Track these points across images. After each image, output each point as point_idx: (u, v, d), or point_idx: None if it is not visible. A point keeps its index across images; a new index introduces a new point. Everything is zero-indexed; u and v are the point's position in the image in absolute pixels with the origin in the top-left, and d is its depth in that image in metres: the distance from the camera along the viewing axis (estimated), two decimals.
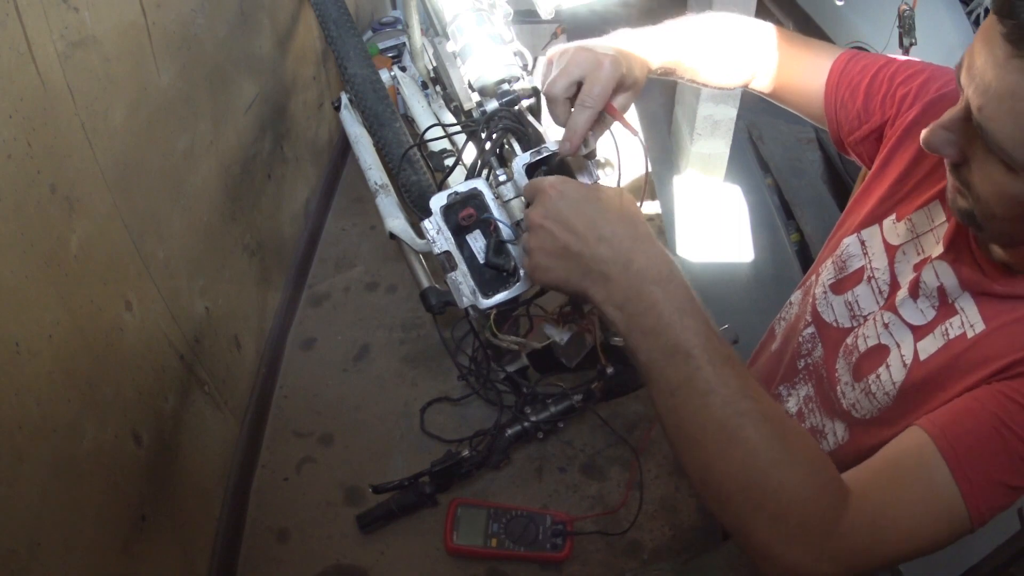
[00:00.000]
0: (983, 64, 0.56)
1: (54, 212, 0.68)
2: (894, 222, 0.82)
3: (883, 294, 0.81)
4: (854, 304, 0.84)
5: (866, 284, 0.83)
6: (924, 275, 0.74)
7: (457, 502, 1.03)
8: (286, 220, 1.42)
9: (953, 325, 0.71)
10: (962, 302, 0.71)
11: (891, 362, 0.76)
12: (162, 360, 0.89)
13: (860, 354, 0.81)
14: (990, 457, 0.60)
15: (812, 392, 0.90)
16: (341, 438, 1.17)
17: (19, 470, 0.62)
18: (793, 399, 0.94)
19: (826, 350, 0.88)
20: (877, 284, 0.82)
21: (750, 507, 0.56)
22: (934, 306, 0.73)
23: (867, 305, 0.82)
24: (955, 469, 0.60)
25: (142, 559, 0.80)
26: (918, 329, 0.74)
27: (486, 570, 1.00)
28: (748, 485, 0.56)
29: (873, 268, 0.83)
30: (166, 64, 0.91)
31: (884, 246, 0.82)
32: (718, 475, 0.57)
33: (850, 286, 0.85)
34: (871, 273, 0.83)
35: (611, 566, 0.99)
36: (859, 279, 0.84)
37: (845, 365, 0.83)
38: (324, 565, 1.01)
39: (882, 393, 0.77)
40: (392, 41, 2.00)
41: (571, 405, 1.04)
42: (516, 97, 1.07)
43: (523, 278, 0.85)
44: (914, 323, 0.75)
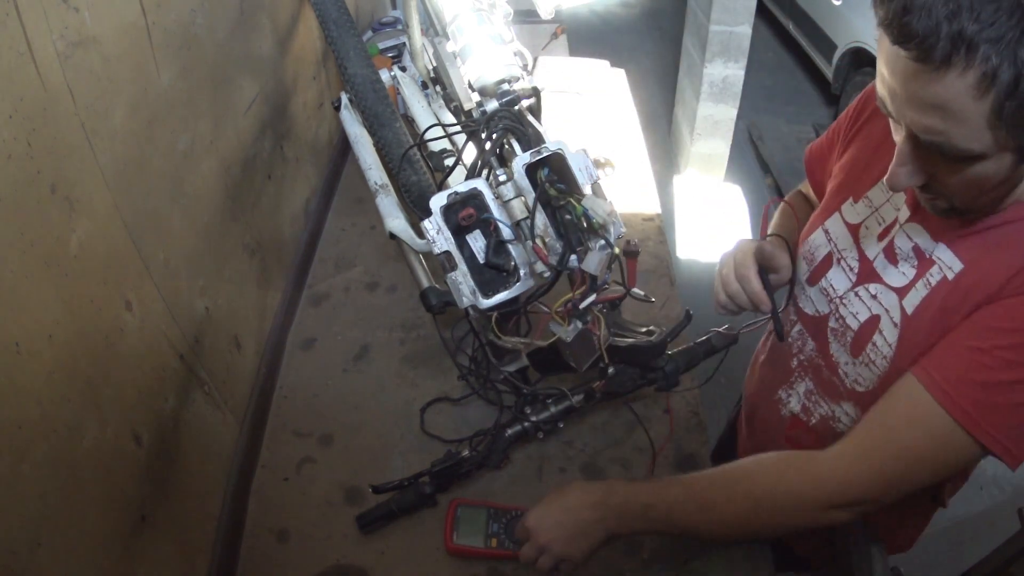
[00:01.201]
0: (903, 89, 0.60)
1: (54, 212, 0.69)
2: (852, 204, 0.87)
3: (853, 271, 0.85)
4: (828, 289, 0.89)
5: (836, 266, 0.88)
6: (897, 241, 0.80)
7: (457, 502, 1.03)
8: (286, 220, 1.42)
9: (933, 273, 0.76)
10: (938, 252, 0.75)
11: (883, 327, 0.80)
12: (162, 360, 0.89)
13: (854, 332, 0.84)
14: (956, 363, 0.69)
15: (812, 385, 0.93)
16: (341, 438, 1.17)
17: (19, 470, 0.62)
18: (794, 398, 0.96)
19: (817, 341, 0.91)
20: (846, 263, 0.87)
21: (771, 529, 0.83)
22: (913, 265, 0.78)
23: (840, 285, 0.87)
24: (927, 384, 0.70)
25: (142, 559, 0.80)
26: (901, 289, 0.79)
27: (486, 570, 1.00)
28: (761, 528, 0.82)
29: (840, 250, 0.88)
30: (166, 64, 0.91)
31: (847, 228, 0.87)
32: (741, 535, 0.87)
33: (822, 273, 0.90)
34: (839, 255, 0.88)
35: (611, 566, 0.99)
36: (829, 264, 0.89)
37: (840, 347, 0.87)
38: (324, 565, 1.01)
39: (880, 358, 0.80)
40: (392, 41, 2.00)
41: (571, 405, 1.04)
42: (516, 97, 1.07)
43: (523, 278, 0.85)
44: (897, 285, 0.79)
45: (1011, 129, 0.57)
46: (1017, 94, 0.54)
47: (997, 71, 0.54)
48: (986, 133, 0.58)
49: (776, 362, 1.00)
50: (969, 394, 0.68)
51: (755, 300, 0.88)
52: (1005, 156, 0.61)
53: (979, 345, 0.69)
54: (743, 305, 0.91)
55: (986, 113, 0.56)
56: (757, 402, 1.07)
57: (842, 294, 0.86)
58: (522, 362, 1.07)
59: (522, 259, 0.84)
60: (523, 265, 0.84)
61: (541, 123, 1.14)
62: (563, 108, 1.93)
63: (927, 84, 0.57)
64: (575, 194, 0.82)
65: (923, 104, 0.59)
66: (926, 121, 0.60)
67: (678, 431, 1.16)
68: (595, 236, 0.80)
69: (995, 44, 0.53)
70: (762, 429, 1.06)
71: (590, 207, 0.79)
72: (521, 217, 0.83)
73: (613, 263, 0.81)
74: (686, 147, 3.52)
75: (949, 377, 0.70)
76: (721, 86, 3.23)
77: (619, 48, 4.35)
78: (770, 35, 4.90)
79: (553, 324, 0.86)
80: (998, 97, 0.55)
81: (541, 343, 0.92)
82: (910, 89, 0.59)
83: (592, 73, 2.08)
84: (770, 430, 1.02)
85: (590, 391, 1.04)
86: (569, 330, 0.85)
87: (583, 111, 1.93)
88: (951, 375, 0.70)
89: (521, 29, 1.44)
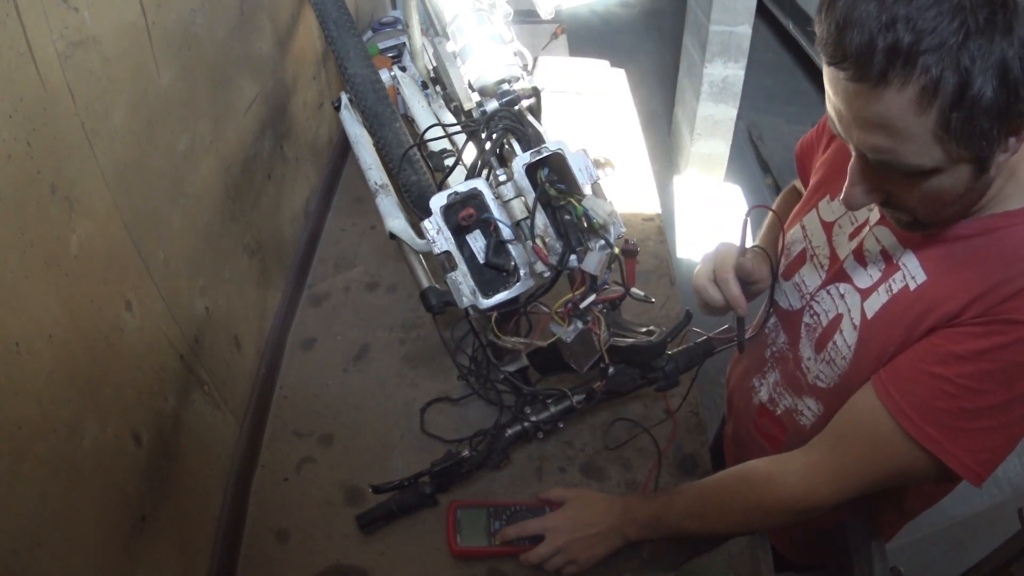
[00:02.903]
0: (846, 110, 0.59)
1: (54, 212, 0.69)
2: (828, 202, 0.88)
3: (824, 267, 0.86)
4: (801, 284, 0.90)
5: (809, 263, 0.89)
6: (866, 243, 0.80)
7: (456, 504, 1.03)
8: (286, 220, 1.42)
9: (896, 280, 0.75)
10: (904, 259, 0.75)
11: (843, 327, 0.81)
12: (162, 360, 0.89)
13: (822, 328, 0.85)
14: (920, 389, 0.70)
15: (779, 377, 0.95)
16: (341, 438, 1.17)
17: (19, 470, 0.62)
18: (764, 388, 0.99)
19: (788, 335, 0.93)
20: (818, 259, 0.88)
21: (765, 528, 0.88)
22: (880, 268, 0.78)
23: (811, 281, 0.88)
24: (892, 409, 0.71)
25: (142, 559, 0.80)
26: (864, 291, 0.79)
27: (486, 570, 1.00)
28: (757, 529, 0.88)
29: (814, 247, 0.89)
30: (166, 64, 0.91)
31: (822, 225, 0.88)
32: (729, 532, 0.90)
33: (796, 269, 0.91)
34: (812, 252, 0.89)
35: (610, 566, 0.99)
36: (803, 261, 0.90)
37: (808, 343, 0.88)
38: (324, 565, 1.01)
39: (840, 358, 0.81)
40: (392, 41, 2.00)
41: (571, 405, 1.04)
42: (516, 97, 1.07)
43: (523, 278, 0.85)
44: (863, 287, 0.80)
45: (961, 140, 0.55)
46: (963, 104, 0.52)
47: (939, 81, 0.52)
48: (934, 147, 0.57)
49: (753, 351, 1.02)
50: (934, 419, 0.68)
51: (733, 303, 0.89)
52: (961, 168, 0.59)
53: (942, 372, 0.68)
54: (717, 306, 0.92)
55: (931, 127, 0.55)
56: (735, 388, 1.10)
57: (813, 291, 0.87)
58: (522, 362, 1.07)
59: (522, 259, 0.84)
60: (523, 265, 0.84)
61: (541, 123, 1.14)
62: (563, 108, 1.93)
63: (867, 103, 0.56)
64: (575, 194, 0.82)
65: (866, 123, 0.58)
66: (872, 140, 0.59)
67: (678, 431, 1.16)
68: (595, 236, 0.80)
69: (935, 52, 0.51)
70: (738, 416, 1.08)
71: (591, 207, 0.79)
72: (521, 217, 0.83)
73: (613, 263, 0.81)
74: (686, 147, 3.52)
75: (914, 403, 0.70)
76: (721, 86, 3.23)
77: (619, 48, 4.35)
78: (770, 35, 4.89)
79: (553, 324, 0.86)
80: (942, 109, 0.53)
81: (541, 343, 0.92)
82: (853, 109, 0.58)
83: (592, 73, 2.08)
84: (744, 417, 1.05)
85: (590, 391, 1.04)
86: (569, 331, 0.85)
87: (583, 111, 1.93)
88: (916, 401, 0.70)
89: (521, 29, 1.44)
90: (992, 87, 0.52)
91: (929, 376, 0.69)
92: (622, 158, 1.74)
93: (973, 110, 0.53)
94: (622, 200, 1.58)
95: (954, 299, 0.68)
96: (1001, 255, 0.66)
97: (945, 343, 0.69)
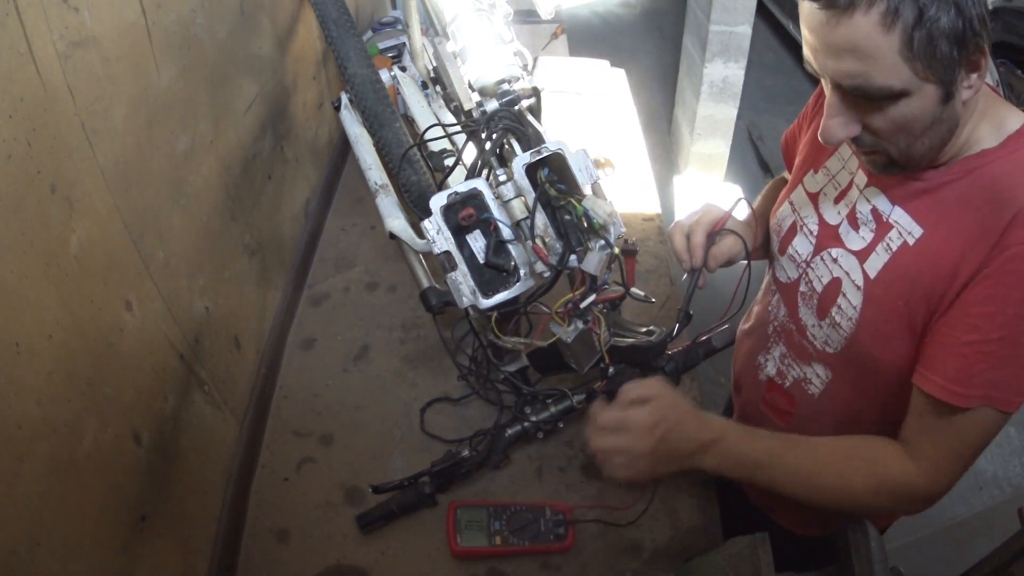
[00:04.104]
0: (819, 41, 0.65)
1: (54, 212, 0.69)
2: (812, 175, 0.92)
3: (813, 234, 0.89)
4: (795, 255, 0.92)
5: (799, 233, 0.92)
6: (859, 206, 0.83)
7: (455, 504, 1.03)
8: (286, 220, 1.42)
9: (892, 239, 0.78)
10: (895, 216, 0.78)
11: (845, 290, 0.83)
12: (162, 360, 0.89)
13: (819, 295, 0.88)
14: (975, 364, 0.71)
15: (785, 349, 0.97)
16: (341, 438, 1.17)
17: (19, 470, 0.62)
18: (771, 362, 1.01)
19: (788, 307, 0.95)
20: (807, 228, 0.91)
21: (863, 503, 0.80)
22: (872, 229, 0.81)
23: (803, 250, 0.91)
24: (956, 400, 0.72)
25: (142, 559, 0.80)
26: (861, 252, 0.82)
27: (487, 569, 1.00)
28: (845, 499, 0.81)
29: (802, 218, 0.92)
30: (166, 64, 0.91)
31: (808, 196, 0.92)
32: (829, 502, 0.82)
33: (788, 241, 0.94)
34: (801, 223, 0.92)
35: (611, 566, 0.99)
36: (794, 233, 0.93)
37: (808, 311, 0.90)
38: (324, 565, 1.01)
39: (846, 320, 0.83)
40: (392, 41, 1.99)
41: (571, 405, 1.04)
42: (516, 97, 1.07)
43: (523, 278, 0.85)
44: (857, 249, 0.82)
45: (924, 59, 0.62)
46: (923, 24, 0.59)
47: (899, 8, 0.59)
48: (902, 67, 0.62)
49: (756, 330, 1.04)
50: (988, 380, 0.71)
51: (692, 250, 0.94)
52: (927, 89, 0.64)
53: (982, 338, 0.70)
54: (678, 252, 0.95)
55: (897, 46, 0.61)
56: (741, 370, 1.11)
57: (807, 259, 0.90)
58: (522, 362, 1.07)
59: (522, 259, 0.84)
60: (523, 265, 0.84)
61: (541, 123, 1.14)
62: (563, 108, 1.93)
63: (837, 28, 0.62)
64: (575, 194, 0.82)
65: (838, 50, 0.64)
66: (844, 66, 0.64)
67: None
68: (595, 236, 0.80)
69: None
70: (746, 396, 1.09)
71: (591, 207, 0.79)
72: (521, 217, 0.83)
73: (613, 263, 0.81)
74: (686, 147, 3.52)
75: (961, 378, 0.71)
76: (721, 86, 3.23)
77: (619, 48, 4.35)
78: (770, 35, 4.89)
79: (553, 324, 0.86)
80: (905, 28, 0.60)
81: (541, 343, 0.92)
82: (825, 39, 0.64)
83: (592, 73, 2.08)
84: (752, 396, 1.06)
85: (591, 391, 1.04)
86: (569, 331, 0.85)
87: (583, 111, 1.93)
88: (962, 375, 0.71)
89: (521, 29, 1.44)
90: (947, 15, 0.60)
91: (972, 347, 0.71)
92: (622, 158, 1.74)
93: (931, 30, 0.60)
94: (622, 200, 1.58)
95: (949, 245, 0.72)
96: (983, 192, 0.71)
97: (971, 306, 0.71)
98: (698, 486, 1.10)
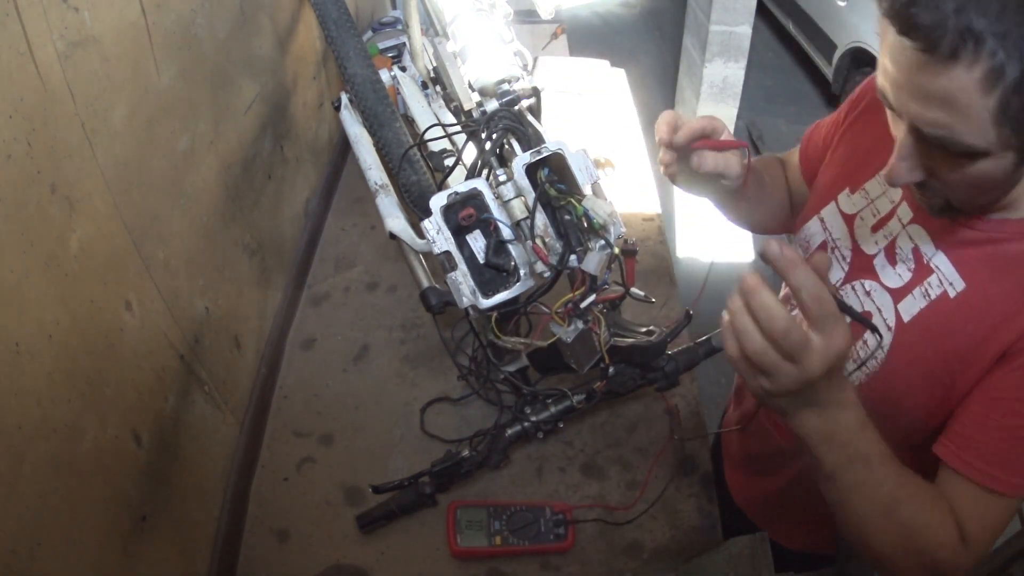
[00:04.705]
0: (907, 81, 0.58)
1: (54, 212, 0.69)
2: (848, 194, 0.86)
3: (846, 260, 0.85)
4: None
5: (830, 255, 0.86)
6: (899, 241, 0.78)
7: (455, 504, 1.03)
8: (286, 220, 1.42)
9: (932, 285, 0.74)
10: (936, 261, 0.74)
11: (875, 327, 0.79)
12: (162, 360, 0.89)
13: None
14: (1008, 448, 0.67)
15: None
16: (341, 438, 1.17)
17: (19, 470, 0.62)
18: None
19: None
20: (840, 252, 0.86)
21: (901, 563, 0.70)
22: (910, 268, 0.76)
23: (833, 275, 0.85)
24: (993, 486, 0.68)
25: (142, 559, 0.80)
26: (896, 292, 0.77)
27: (487, 569, 1.00)
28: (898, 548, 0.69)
29: (834, 239, 0.87)
30: (166, 64, 0.91)
31: (842, 217, 0.86)
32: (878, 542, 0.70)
33: None
34: (833, 244, 0.87)
35: (611, 566, 0.99)
36: (822, 252, 0.87)
37: None
38: (324, 565, 1.01)
39: (870, 357, 0.79)
40: (392, 41, 1.99)
41: (571, 405, 1.04)
42: (516, 97, 1.07)
43: (523, 278, 0.84)
44: (892, 286, 0.78)
45: (1015, 126, 0.56)
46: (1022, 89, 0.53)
47: (1004, 67, 0.53)
48: (991, 129, 0.57)
49: None
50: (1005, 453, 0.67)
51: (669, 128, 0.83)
52: (1008, 155, 0.60)
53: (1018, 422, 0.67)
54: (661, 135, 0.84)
55: (992, 108, 0.55)
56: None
57: (836, 284, 0.85)
58: (522, 362, 1.07)
59: (522, 259, 0.84)
60: (523, 265, 0.84)
61: (541, 123, 1.14)
62: (563, 108, 1.92)
63: (934, 76, 0.55)
64: (575, 194, 0.82)
65: (928, 97, 0.57)
66: (931, 115, 0.58)
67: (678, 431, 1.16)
68: (595, 236, 0.80)
69: (1002, 40, 0.52)
70: (747, 408, 1.06)
71: (591, 207, 0.79)
72: (521, 217, 0.83)
73: (613, 263, 0.81)
74: None
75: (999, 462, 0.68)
76: (721, 86, 3.24)
77: (619, 48, 4.35)
78: (770, 35, 4.89)
79: (553, 324, 0.86)
80: (1004, 93, 0.54)
81: (541, 343, 0.92)
82: (915, 81, 0.57)
83: (592, 73, 2.08)
84: (752, 407, 1.03)
85: (591, 391, 1.04)
86: (569, 331, 0.85)
87: (583, 111, 1.93)
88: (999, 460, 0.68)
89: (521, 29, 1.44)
90: None
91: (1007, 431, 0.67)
92: (622, 158, 1.74)
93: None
94: (622, 200, 1.58)
95: (995, 308, 0.68)
96: None
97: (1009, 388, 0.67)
98: (698, 486, 1.10)
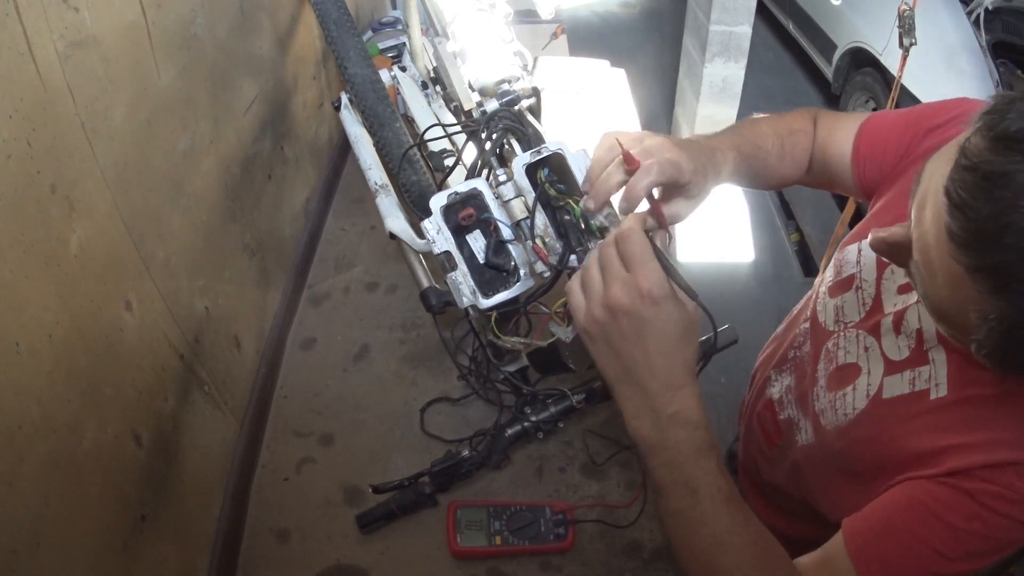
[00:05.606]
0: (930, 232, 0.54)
1: (54, 212, 0.69)
2: None
3: (866, 306, 0.81)
4: (840, 309, 0.85)
5: (853, 292, 0.84)
6: (908, 314, 0.75)
7: (455, 504, 1.03)
8: (286, 220, 1.42)
9: (921, 375, 0.71)
10: (935, 353, 0.71)
11: (858, 385, 0.77)
12: (162, 360, 0.89)
13: (837, 365, 0.82)
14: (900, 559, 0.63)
15: (793, 383, 0.92)
16: (341, 438, 1.17)
17: (19, 470, 0.62)
18: (778, 386, 0.97)
19: (813, 348, 0.89)
20: (863, 296, 0.82)
21: None
22: (909, 347, 0.73)
23: (850, 313, 0.83)
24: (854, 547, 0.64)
25: (142, 559, 0.80)
26: (890, 364, 0.75)
27: (487, 569, 1.00)
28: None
29: (862, 279, 0.83)
30: (166, 64, 0.91)
31: (876, 260, 0.82)
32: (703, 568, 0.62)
33: (840, 291, 0.86)
34: (859, 283, 0.83)
35: (611, 566, 0.99)
36: (849, 286, 0.85)
37: (824, 369, 0.84)
38: (324, 565, 1.01)
39: (842, 413, 0.78)
40: (392, 41, 2.00)
41: (571, 405, 1.04)
42: (516, 97, 1.07)
43: (523, 278, 0.85)
44: (889, 356, 0.75)
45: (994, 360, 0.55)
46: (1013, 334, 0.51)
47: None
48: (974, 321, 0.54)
49: (781, 343, 0.98)
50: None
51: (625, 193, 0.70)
52: None
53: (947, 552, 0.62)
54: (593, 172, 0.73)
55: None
56: (760, 366, 1.07)
57: (848, 323, 0.83)
58: (522, 362, 1.07)
59: (522, 259, 0.84)
60: (523, 265, 0.84)
61: (541, 123, 1.14)
62: (563, 108, 1.93)
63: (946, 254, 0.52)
64: (575, 195, 0.82)
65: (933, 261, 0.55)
66: (926, 274, 0.57)
67: None
68: (595, 236, 0.80)
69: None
70: (755, 394, 1.05)
71: None
72: (521, 217, 0.83)
73: None
74: None
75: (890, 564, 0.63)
76: (721, 86, 3.24)
77: (619, 48, 4.35)
78: (770, 35, 4.90)
79: (553, 324, 0.86)
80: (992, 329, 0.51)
81: (541, 343, 0.92)
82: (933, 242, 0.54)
83: (592, 73, 2.08)
84: (754, 400, 1.04)
85: (590, 391, 1.04)
86: (569, 331, 0.85)
87: (583, 111, 1.93)
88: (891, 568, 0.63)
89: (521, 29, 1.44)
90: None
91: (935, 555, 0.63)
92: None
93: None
94: None
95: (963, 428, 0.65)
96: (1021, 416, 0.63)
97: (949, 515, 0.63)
98: None
